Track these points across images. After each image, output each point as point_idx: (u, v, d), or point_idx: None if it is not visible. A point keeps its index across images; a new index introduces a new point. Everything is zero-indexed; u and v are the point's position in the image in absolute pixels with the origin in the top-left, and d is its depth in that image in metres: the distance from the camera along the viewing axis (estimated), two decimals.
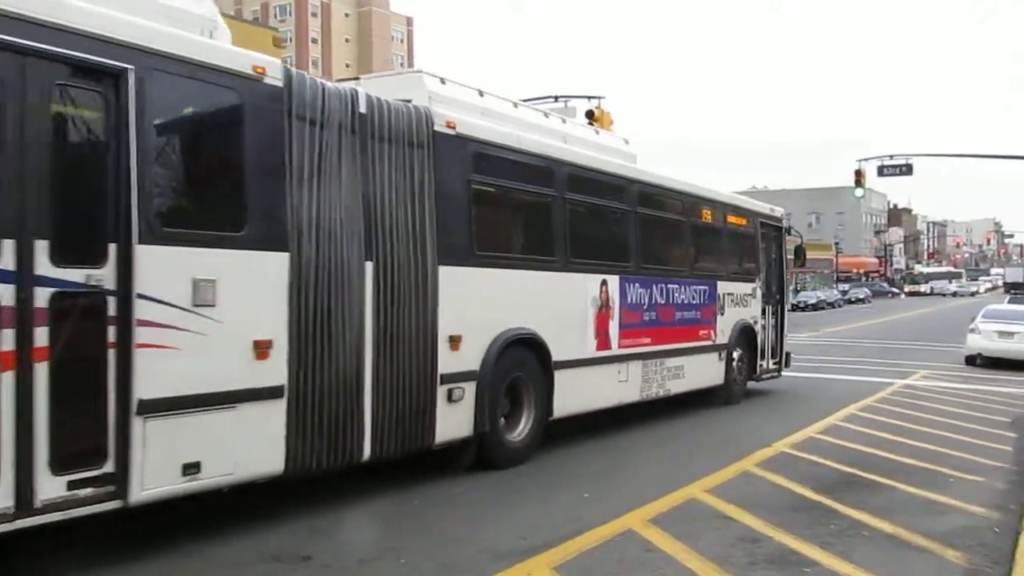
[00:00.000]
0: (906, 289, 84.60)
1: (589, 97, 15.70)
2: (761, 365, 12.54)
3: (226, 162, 5.59)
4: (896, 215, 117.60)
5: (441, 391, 6.87)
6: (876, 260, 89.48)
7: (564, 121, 9.02)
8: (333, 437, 6.04)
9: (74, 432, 4.80)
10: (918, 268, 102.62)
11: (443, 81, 7.50)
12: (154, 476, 5.05)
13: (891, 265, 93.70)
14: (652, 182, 9.85)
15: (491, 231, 7.50)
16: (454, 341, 7.02)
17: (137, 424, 4.97)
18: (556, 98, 13.45)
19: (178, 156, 5.30)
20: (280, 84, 5.86)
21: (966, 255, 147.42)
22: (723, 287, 11.50)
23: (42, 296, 4.71)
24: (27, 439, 4.62)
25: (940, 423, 10.44)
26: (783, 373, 13.33)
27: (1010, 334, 17.47)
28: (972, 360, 17.98)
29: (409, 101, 6.92)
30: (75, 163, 4.89)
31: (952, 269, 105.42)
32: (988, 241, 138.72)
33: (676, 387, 10.22)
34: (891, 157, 34.01)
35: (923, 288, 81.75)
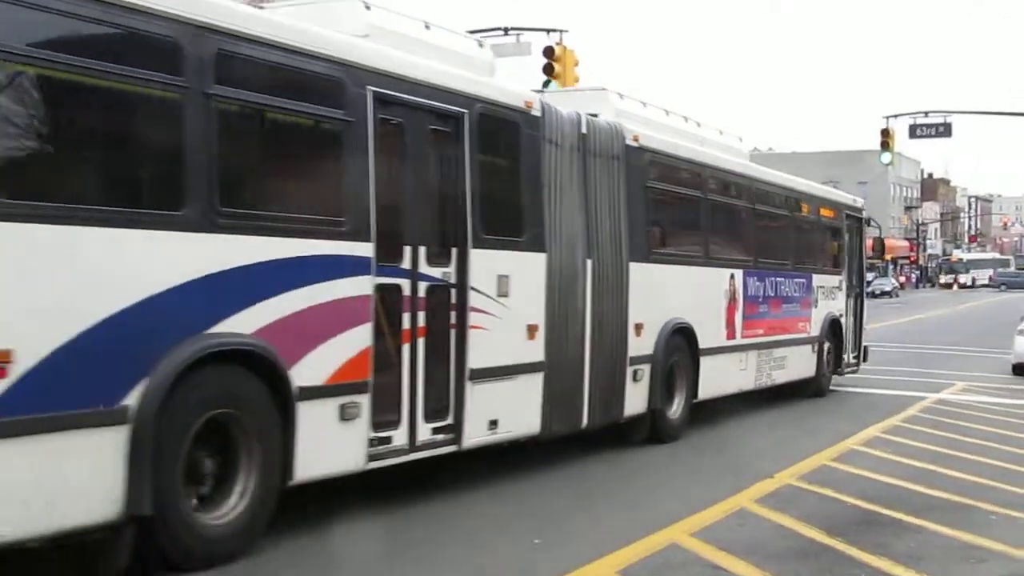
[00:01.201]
0: (942, 279, 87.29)
1: (548, 31, 15.93)
2: (843, 359, 16.29)
3: (514, 181, 8.88)
4: (931, 187, 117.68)
5: (629, 371, 10.32)
6: (906, 243, 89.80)
7: (699, 125, 12.65)
8: (567, 407, 9.34)
9: (437, 391, 7.87)
10: (956, 254, 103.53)
11: (621, 96, 11.12)
12: (473, 429, 8.15)
13: (924, 249, 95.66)
14: (765, 179, 13.89)
15: (658, 231, 11.07)
16: (638, 328, 10.45)
17: (468, 387, 8.05)
18: (507, 31, 13.59)
19: (487, 178, 8.42)
20: (539, 114, 9.12)
21: (1015, 238, 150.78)
22: (817, 280, 15.35)
23: (422, 288, 7.75)
24: (412, 395, 7.60)
25: (980, 447, 10.87)
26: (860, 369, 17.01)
27: None
28: (1021, 369, 18.67)
29: (597, 115, 10.11)
30: (437, 188, 8.01)
31: (998, 255, 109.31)
32: None
33: (780, 377, 14.08)
34: (925, 115, 33.74)
35: (963, 278, 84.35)
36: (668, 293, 11.07)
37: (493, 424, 8.47)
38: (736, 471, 9.41)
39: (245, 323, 6.37)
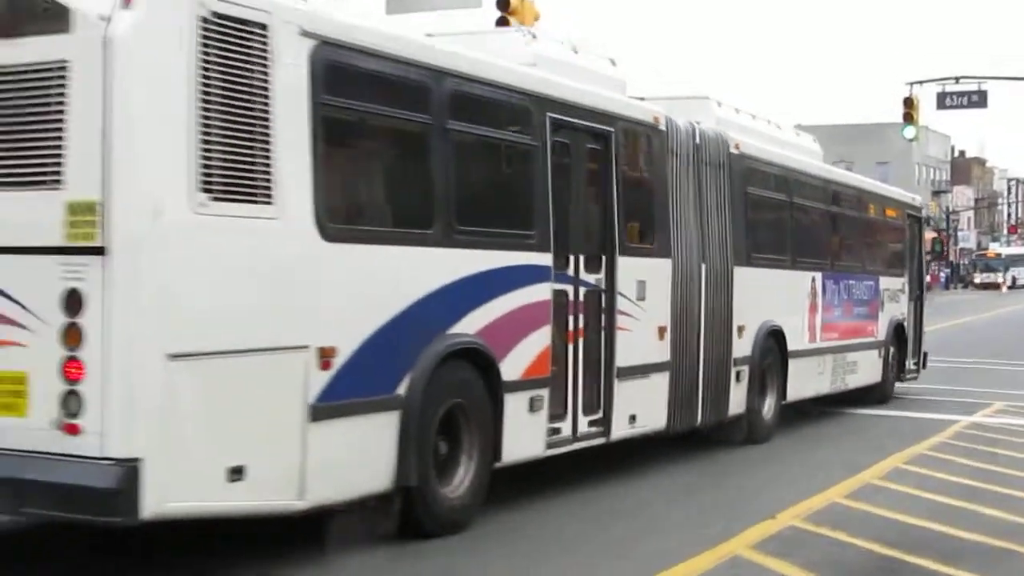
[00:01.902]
0: (976, 279, 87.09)
1: None
2: (906, 365, 18.60)
3: (647, 191, 11.22)
4: (963, 168, 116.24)
5: (733, 372, 12.61)
6: (934, 233, 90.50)
7: (779, 128, 15.19)
8: (687, 404, 11.74)
9: (591, 387, 10.18)
10: (993, 248, 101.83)
11: (719, 104, 13.42)
12: (617, 423, 10.43)
13: (955, 243, 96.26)
14: (839, 180, 16.43)
15: (755, 235, 13.38)
16: (740, 330, 12.74)
17: (615, 384, 10.34)
18: None
19: (628, 190, 10.70)
20: (664, 128, 11.45)
21: None
22: (884, 282, 17.69)
23: (581, 293, 10.07)
24: (575, 390, 9.94)
25: (1022, 481, 10.57)
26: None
27: None
28: None
29: (699, 123, 12.37)
30: (592, 201, 10.45)
31: None
32: None
33: (852, 381, 16.33)
34: (956, 81, 32.66)
35: (1000, 277, 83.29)
36: (762, 296, 13.33)
37: (632, 419, 10.79)
38: (731, 510, 9.56)
39: (470, 325, 8.69)
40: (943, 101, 33.68)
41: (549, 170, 9.67)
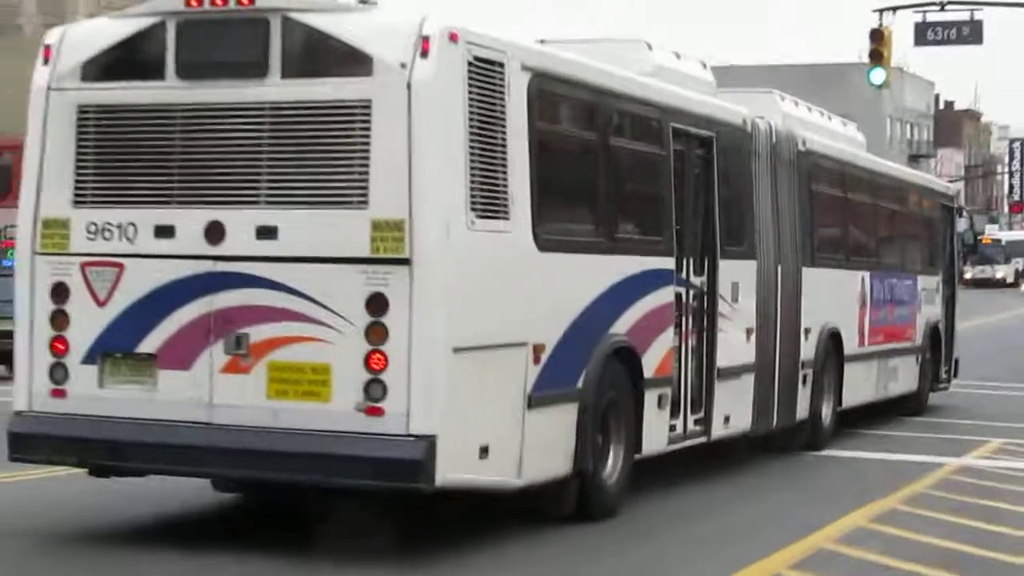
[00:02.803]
0: (968, 274, 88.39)
1: None
2: (939, 372, 21.42)
3: (739, 193, 14.04)
4: (951, 124, 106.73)
5: (800, 375, 15.36)
6: (967, 223, 78.69)
7: (830, 119, 18.30)
8: (766, 407, 14.56)
9: (696, 387, 13.07)
10: (990, 232, 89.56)
11: (782, 98, 16.45)
12: (716, 423, 13.31)
13: None
14: (883, 171, 19.39)
15: (817, 233, 16.13)
16: (807, 332, 15.52)
17: (716, 384, 13.17)
18: None
19: (725, 192, 13.57)
20: (750, 130, 14.42)
21: None
22: (921, 282, 20.47)
23: (691, 295, 13.05)
24: (686, 390, 12.90)
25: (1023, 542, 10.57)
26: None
27: None
28: None
29: (770, 120, 15.12)
30: (698, 205, 13.25)
31: None
32: None
33: (893, 389, 19.14)
34: (941, 7, 30.01)
35: (1000, 271, 76.73)
36: (824, 297, 16.18)
37: (727, 420, 13.69)
38: None
39: (622, 325, 11.66)
40: (923, 34, 31.17)
41: (672, 178, 12.72)
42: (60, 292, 9.79)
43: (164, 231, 9.59)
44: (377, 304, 9.11)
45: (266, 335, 9.34)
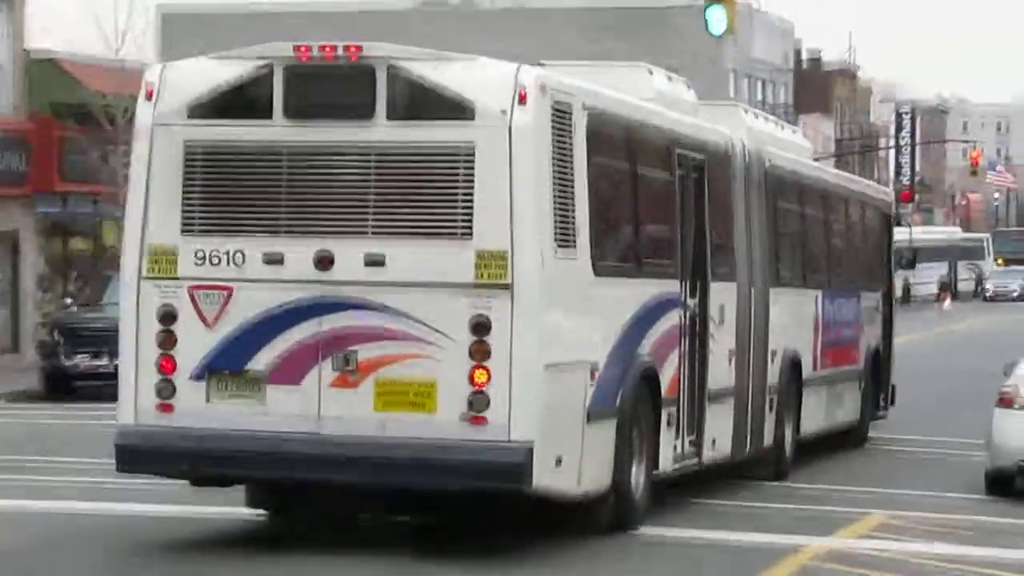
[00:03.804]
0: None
1: None
2: (880, 400, 22.73)
3: (723, 216, 16.20)
4: (818, 83, 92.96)
5: (767, 400, 17.11)
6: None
7: (783, 127, 20.47)
8: (741, 432, 16.56)
9: (691, 408, 15.39)
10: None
11: (745, 111, 18.44)
12: (706, 446, 15.63)
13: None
14: (833, 181, 21.79)
15: (780, 253, 17.82)
16: (773, 355, 17.16)
17: (707, 407, 15.47)
18: None
19: (714, 213, 15.82)
20: (730, 152, 16.56)
21: (995, 196, 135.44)
22: (864, 300, 21.96)
23: (687, 317, 15.26)
24: (681, 413, 15.13)
25: None
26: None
27: None
28: (1002, 482, 16.96)
29: (739, 139, 16.93)
30: (694, 228, 15.48)
31: (967, 235, 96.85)
32: None
33: (839, 416, 20.75)
34: None
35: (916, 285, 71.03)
36: (786, 318, 17.88)
37: (714, 443, 15.59)
38: None
39: (646, 346, 13.96)
40: None
41: (678, 201, 14.95)
42: (167, 314, 11.81)
43: (273, 259, 11.69)
44: (481, 325, 11.34)
45: (374, 353, 11.49)
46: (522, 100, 11.46)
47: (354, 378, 11.61)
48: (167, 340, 11.91)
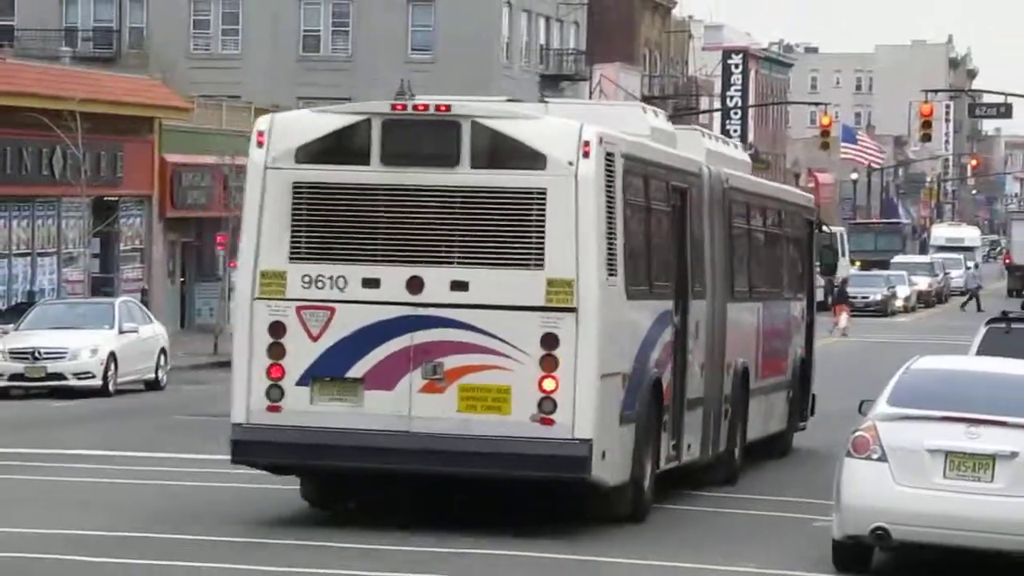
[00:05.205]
0: None
1: None
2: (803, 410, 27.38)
3: (697, 237, 21.37)
4: (622, 24, 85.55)
5: (723, 409, 22.29)
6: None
7: (727, 143, 26.93)
8: (708, 438, 22.08)
9: (674, 416, 20.68)
10: None
11: (703, 134, 23.70)
12: (683, 450, 20.91)
13: None
14: (770, 194, 26.50)
15: (733, 268, 22.67)
16: (728, 367, 22.27)
17: (685, 414, 20.77)
18: None
19: (694, 236, 21.22)
20: (702, 176, 21.76)
21: (852, 176, 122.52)
22: (793, 309, 26.80)
23: (673, 332, 20.45)
24: (675, 420, 20.71)
25: None
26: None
27: (986, 461, 14.79)
28: (854, 554, 15.55)
29: (704, 162, 21.92)
30: (679, 250, 20.95)
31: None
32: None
33: (772, 426, 25.32)
34: None
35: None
36: (737, 331, 22.49)
37: (689, 447, 20.51)
38: None
39: (653, 359, 18.24)
40: None
41: (672, 226, 19.44)
42: (277, 329, 16.04)
43: (371, 283, 15.96)
44: (550, 341, 15.71)
45: (458, 363, 15.81)
46: (586, 153, 16.10)
47: (441, 384, 16.03)
48: (276, 351, 16.23)
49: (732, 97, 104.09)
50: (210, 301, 56.74)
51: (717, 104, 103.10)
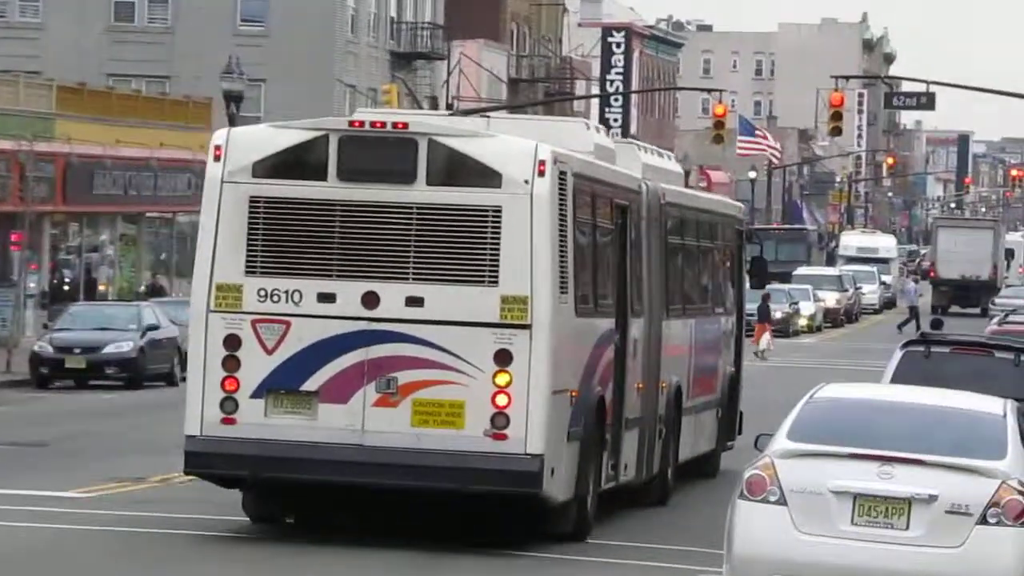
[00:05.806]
0: None
1: None
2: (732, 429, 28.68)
3: (636, 254, 23.41)
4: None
5: (657, 429, 23.83)
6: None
7: (662, 155, 27.52)
8: (642, 458, 23.82)
9: (613, 435, 22.61)
10: None
11: (639, 148, 25.74)
12: (621, 470, 22.73)
13: None
14: (702, 207, 28.23)
15: (667, 285, 24.38)
16: (662, 386, 23.88)
17: (623, 434, 22.64)
18: None
19: (632, 254, 23.26)
20: (641, 193, 23.61)
21: (750, 174, 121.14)
22: (722, 324, 28.44)
23: (613, 351, 22.33)
24: (614, 439, 22.53)
25: None
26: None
27: (900, 506, 13.99)
28: None
29: (642, 177, 23.58)
30: (620, 268, 22.97)
31: None
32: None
33: (701, 446, 26.99)
34: None
35: None
36: (669, 349, 24.00)
37: (626, 468, 21.82)
38: None
39: (597, 378, 19.80)
40: None
41: (617, 244, 20.79)
42: (232, 341, 17.30)
43: (326, 297, 17.23)
44: (503, 357, 17.03)
45: (412, 378, 17.12)
46: (541, 172, 17.61)
47: (394, 399, 17.38)
48: (231, 364, 17.56)
49: (612, 81, 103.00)
50: (3, 311, 53.11)
51: (595, 89, 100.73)
